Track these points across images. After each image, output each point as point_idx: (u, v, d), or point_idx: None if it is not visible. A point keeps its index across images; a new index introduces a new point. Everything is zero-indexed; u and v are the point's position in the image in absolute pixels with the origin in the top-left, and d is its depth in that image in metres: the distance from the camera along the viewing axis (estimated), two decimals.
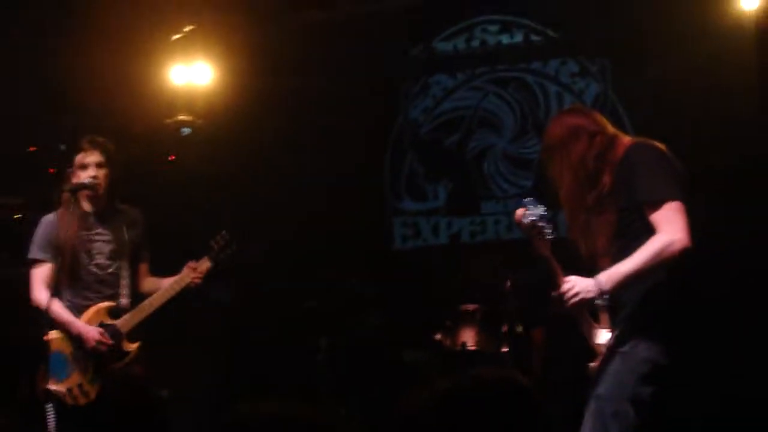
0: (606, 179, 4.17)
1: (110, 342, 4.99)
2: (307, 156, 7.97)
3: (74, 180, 5.13)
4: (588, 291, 4.08)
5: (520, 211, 4.13)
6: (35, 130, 7.50)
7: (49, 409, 4.84)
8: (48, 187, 5.54)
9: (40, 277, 5.09)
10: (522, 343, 6.14)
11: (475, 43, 8.11)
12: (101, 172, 5.13)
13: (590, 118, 4.34)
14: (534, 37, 7.92)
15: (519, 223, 4.14)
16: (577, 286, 4.09)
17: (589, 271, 4.19)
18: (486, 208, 7.92)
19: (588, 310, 4.34)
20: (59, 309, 4.96)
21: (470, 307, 6.33)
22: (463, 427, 1.93)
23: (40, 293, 5.05)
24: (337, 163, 8.00)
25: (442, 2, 8.04)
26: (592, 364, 4.29)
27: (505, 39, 8.02)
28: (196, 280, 5.22)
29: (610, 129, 4.32)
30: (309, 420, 1.79)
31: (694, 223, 4.02)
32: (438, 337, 6.37)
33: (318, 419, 1.80)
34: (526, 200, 4.15)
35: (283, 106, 7.88)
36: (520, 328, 6.10)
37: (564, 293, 4.12)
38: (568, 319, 4.49)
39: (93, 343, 4.96)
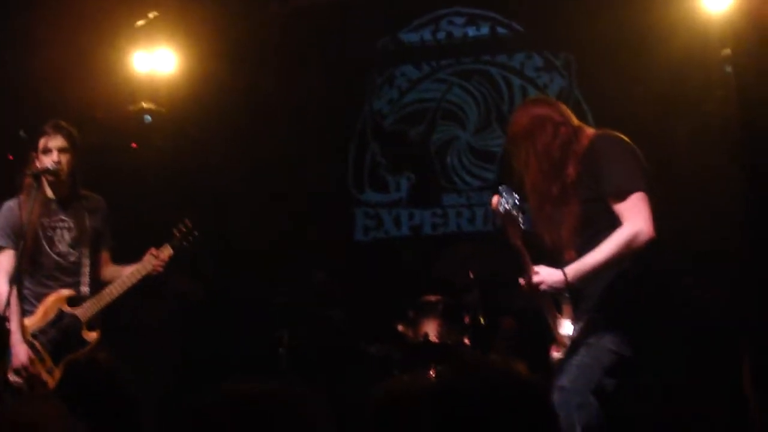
0: (570, 170, 4.19)
1: (33, 372, 4.86)
2: (270, 146, 7.93)
3: (37, 165, 5.05)
4: (555, 282, 4.11)
5: (495, 198, 4.13)
6: None
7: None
8: (7, 173, 5.43)
9: (2, 265, 5.01)
10: (484, 334, 6.15)
11: (442, 35, 8.11)
12: (64, 158, 5.06)
13: (555, 109, 4.37)
14: (500, 30, 7.93)
15: (494, 211, 4.13)
16: (545, 277, 4.12)
17: (555, 263, 4.22)
18: (448, 201, 7.93)
19: (552, 300, 4.36)
20: (12, 311, 4.83)
21: (432, 298, 6.32)
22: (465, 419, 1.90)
23: (2, 283, 4.97)
24: (301, 154, 7.97)
25: None
26: (555, 354, 4.32)
27: (471, 31, 8.02)
28: (158, 268, 5.16)
29: (575, 120, 4.35)
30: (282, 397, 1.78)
31: (658, 215, 4.06)
32: (400, 328, 6.35)
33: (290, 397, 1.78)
34: (501, 188, 4.14)
35: (246, 94, 7.82)
36: (482, 320, 6.11)
37: (532, 283, 4.14)
38: (533, 310, 4.52)
39: (17, 364, 4.86)
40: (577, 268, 4.08)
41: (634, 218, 4.03)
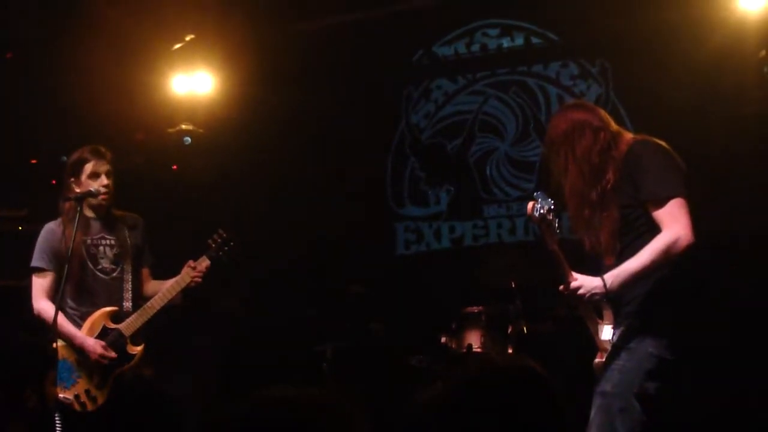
0: (610, 176, 4.17)
1: (113, 355, 5.00)
2: (309, 163, 7.98)
3: (78, 188, 5.14)
4: (595, 290, 4.09)
5: (531, 204, 4.13)
6: (36, 142, 7.51)
7: (57, 417, 4.84)
8: (51, 198, 5.53)
9: (42, 286, 5.12)
10: (527, 343, 6.13)
11: (476, 47, 8.11)
12: (111, 181, 5.17)
13: (594, 114, 4.35)
14: (534, 40, 7.92)
15: (530, 216, 4.12)
16: (585, 284, 4.09)
17: (594, 267, 4.21)
18: (488, 212, 7.92)
19: (592, 306, 4.34)
20: (62, 321, 4.96)
21: (475, 309, 6.32)
22: (475, 414, 1.92)
23: (42, 303, 5.08)
24: (339, 170, 8.02)
25: (442, 7, 8.03)
26: (597, 360, 4.30)
27: (505, 42, 8.02)
28: (197, 279, 5.22)
29: (614, 125, 4.33)
30: (319, 403, 1.80)
31: (696, 216, 4.04)
32: (443, 340, 6.36)
33: (328, 402, 1.80)
34: (536, 194, 4.13)
35: (284, 113, 7.88)
36: (525, 329, 6.09)
37: (572, 291, 4.13)
38: (573, 317, 4.50)
39: (95, 357, 4.99)
40: (616, 274, 4.06)
41: (673, 224, 4.00)
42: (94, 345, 5.00)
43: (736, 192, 6.43)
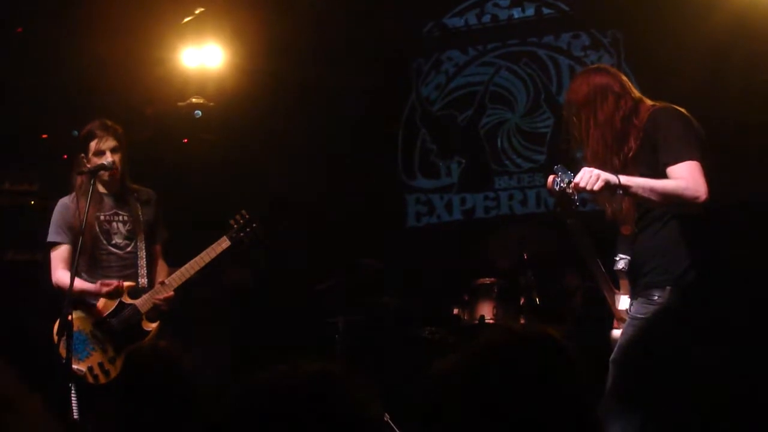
0: (631, 143, 4.13)
1: (114, 283, 5.04)
2: (319, 136, 7.96)
3: (89, 163, 5.13)
4: (606, 175, 3.91)
5: (551, 178, 4.06)
6: (47, 116, 7.50)
7: (72, 389, 4.86)
8: (62, 173, 5.53)
9: (59, 258, 5.15)
10: (539, 315, 6.13)
11: (487, 18, 8.07)
12: (116, 157, 5.15)
13: (616, 79, 4.29)
14: (546, 11, 7.87)
15: (550, 190, 4.03)
16: (593, 171, 3.91)
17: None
18: (499, 184, 7.91)
19: (609, 277, 4.33)
20: (79, 282, 4.96)
21: (487, 280, 6.32)
22: (496, 382, 1.91)
23: (60, 273, 5.10)
24: (350, 143, 8.00)
25: None
26: (614, 330, 4.30)
27: (516, 13, 7.97)
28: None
29: (635, 92, 4.28)
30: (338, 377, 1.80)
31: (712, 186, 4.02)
32: (455, 311, 6.37)
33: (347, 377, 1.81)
34: (556, 167, 4.04)
35: (294, 86, 7.85)
36: (537, 300, 6.09)
37: (584, 181, 3.90)
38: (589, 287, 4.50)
39: (103, 294, 5.03)
40: (630, 178, 3.97)
41: (692, 181, 3.98)
42: (97, 287, 5.04)
43: (749, 162, 6.39)
